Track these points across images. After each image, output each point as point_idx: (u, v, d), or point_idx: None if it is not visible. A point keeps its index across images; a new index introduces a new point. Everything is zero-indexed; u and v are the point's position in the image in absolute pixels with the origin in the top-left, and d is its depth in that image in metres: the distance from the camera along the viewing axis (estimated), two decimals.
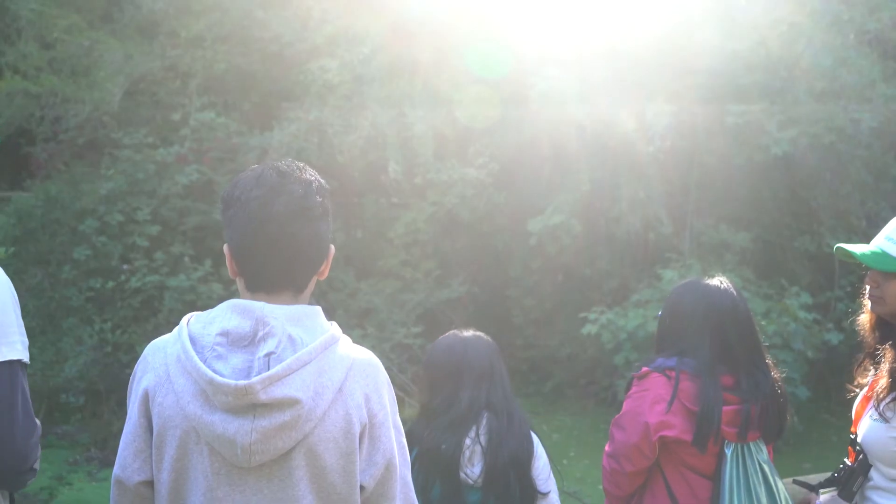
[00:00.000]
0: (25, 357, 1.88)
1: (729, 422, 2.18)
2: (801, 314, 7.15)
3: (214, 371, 1.49)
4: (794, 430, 7.39)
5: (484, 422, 2.29)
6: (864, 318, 2.45)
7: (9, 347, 1.82)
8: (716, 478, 2.18)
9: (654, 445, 2.21)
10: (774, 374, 2.35)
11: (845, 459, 2.37)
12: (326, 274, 1.72)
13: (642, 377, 2.29)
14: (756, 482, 2.18)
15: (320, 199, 1.65)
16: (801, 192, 9.34)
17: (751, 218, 9.10)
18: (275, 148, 8.78)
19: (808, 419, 7.72)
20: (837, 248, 2.41)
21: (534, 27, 9.07)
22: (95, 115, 9.09)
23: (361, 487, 1.57)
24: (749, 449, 2.21)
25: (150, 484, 1.58)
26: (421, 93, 9.56)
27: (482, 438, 2.26)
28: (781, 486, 2.25)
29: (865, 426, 2.31)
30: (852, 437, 2.38)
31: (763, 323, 7.00)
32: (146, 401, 1.56)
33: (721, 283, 2.40)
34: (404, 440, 1.67)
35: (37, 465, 1.87)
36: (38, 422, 1.90)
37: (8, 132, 9.03)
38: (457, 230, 9.60)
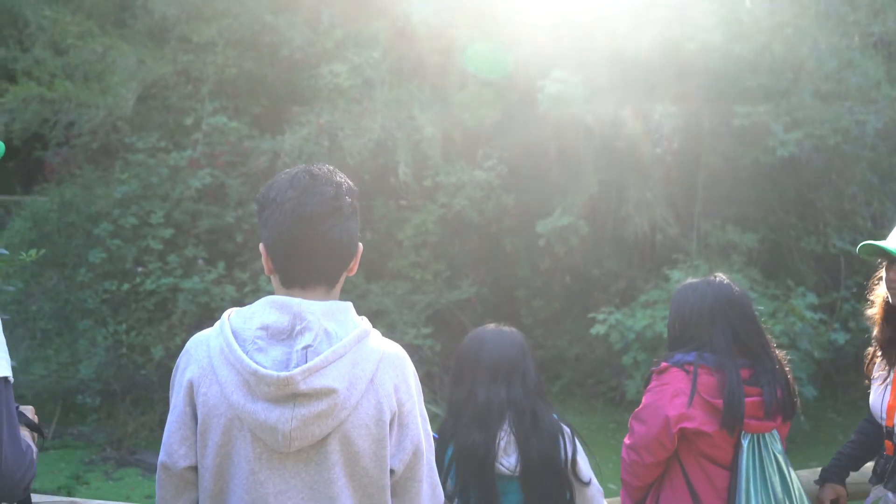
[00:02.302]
0: (9, 374, 1.75)
1: (751, 413, 2.26)
2: (808, 314, 7.21)
3: (256, 363, 1.59)
4: (801, 428, 7.46)
5: (507, 422, 2.28)
6: (874, 312, 2.55)
7: None
8: (733, 468, 2.27)
9: (674, 437, 2.29)
10: (779, 354, 2.44)
11: (883, 453, 2.44)
12: (355, 270, 1.82)
13: (661, 372, 2.37)
14: (771, 471, 2.27)
15: (349, 200, 1.74)
16: (807, 193, 9.41)
17: (757, 219, 9.17)
18: (286, 151, 8.87)
19: (815, 418, 7.79)
20: (865, 245, 2.47)
21: (541, 30, 9.15)
22: (109, 120, 9.20)
23: (391, 471, 1.69)
24: (765, 440, 2.30)
25: (194, 469, 1.68)
26: (429, 96, 9.66)
27: (513, 435, 2.26)
28: (795, 477, 2.33)
29: None
30: (888, 428, 2.43)
31: (769, 323, 7.08)
32: (190, 391, 1.66)
33: (716, 277, 2.49)
34: (429, 428, 1.78)
35: (32, 478, 1.76)
36: (28, 442, 1.77)
37: (24, 137, 9.15)
38: (466, 232, 9.68)
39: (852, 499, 2.77)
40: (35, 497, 2.71)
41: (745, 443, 2.27)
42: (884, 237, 2.49)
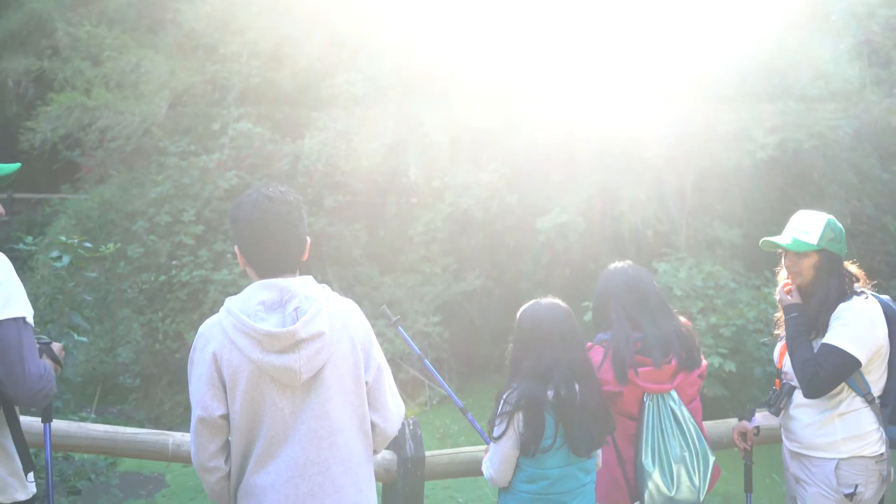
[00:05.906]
0: (28, 315, 2.39)
1: (647, 379, 2.94)
2: None
3: (266, 328, 2.19)
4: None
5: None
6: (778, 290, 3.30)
7: (16, 306, 2.32)
8: (639, 419, 2.97)
9: None
10: (679, 319, 3.09)
11: (774, 388, 3.21)
12: (307, 256, 2.44)
13: (588, 350, 3.06)
14: (667, 422, 2.95)
15: (298, 212, 2.33)
16: (791, 192, 10.01)
17: (742, 216, 9.76)
18: (306, 154, 9.57)
19: None
20: (763, 241, 3.22)
21: (542, 40, 9.79)
22: (142, 126, 9.95)
23: (365, 383, 2.35)
24: (663, 398, 2.97)
25: (226, 416, 2.26)
26: (438, 103, 10.32)
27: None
28: (690, 421, 2.99)
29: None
30: (778, 370, 3.22)
31: (745, 310, 7.75)
32: (215, 360, 2.23)
33: (617, 265, 3.15)
34: (383, 354, 2.46)
35: (49, 392, 2.42)
36: (47, 364, 2.45)
37: (67, 143, 9.94)
38: (472, 229, 10.32)
39: (764, 442, 3.52)
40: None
41: (647, 402, 2.97)
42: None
